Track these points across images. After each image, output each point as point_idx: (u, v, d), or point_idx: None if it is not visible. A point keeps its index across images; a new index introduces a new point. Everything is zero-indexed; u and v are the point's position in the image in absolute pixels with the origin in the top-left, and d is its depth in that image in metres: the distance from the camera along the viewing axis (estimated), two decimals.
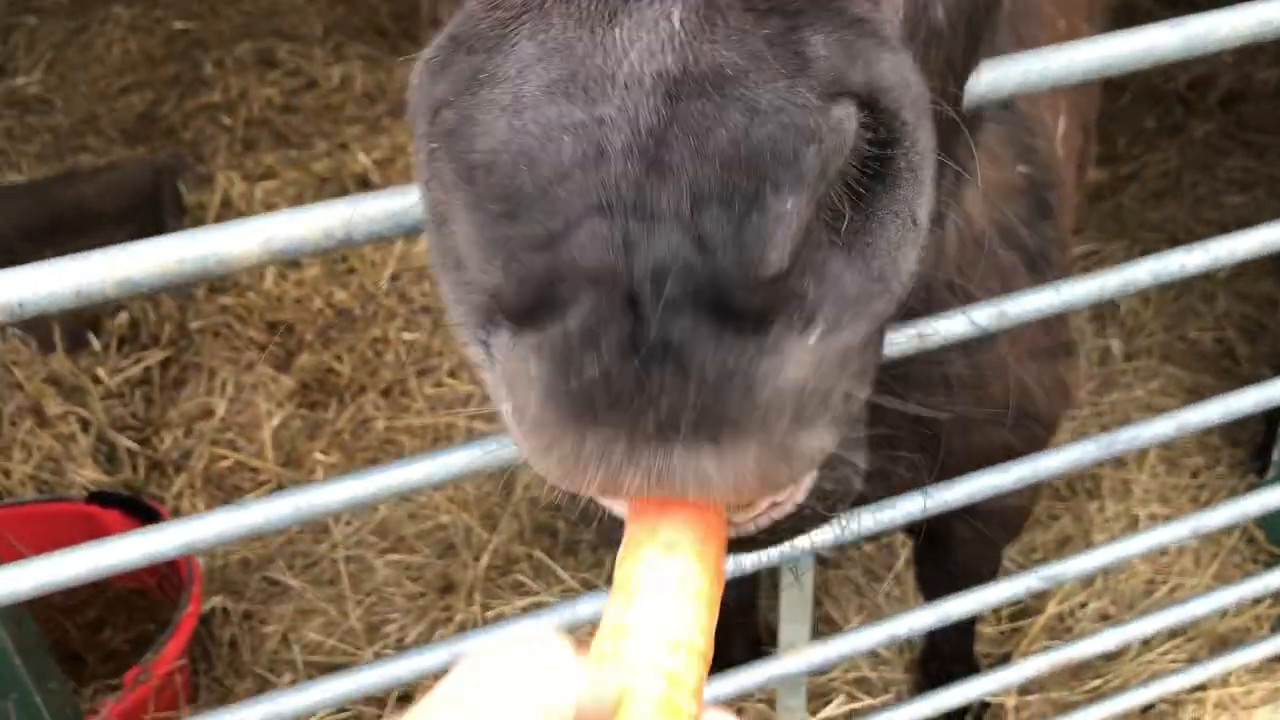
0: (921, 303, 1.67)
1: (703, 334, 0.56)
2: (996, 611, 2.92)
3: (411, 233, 1.18)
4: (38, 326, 3.79)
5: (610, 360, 0.56)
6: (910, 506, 1.75)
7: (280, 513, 1.35)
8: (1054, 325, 1.98)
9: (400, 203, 1.16)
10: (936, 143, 1.27)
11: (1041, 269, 1.91)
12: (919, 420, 1.92)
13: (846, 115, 0.56)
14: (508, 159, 0.54)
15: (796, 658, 1.89)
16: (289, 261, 1.14)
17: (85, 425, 3.47)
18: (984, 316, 1.59)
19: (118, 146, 5.20)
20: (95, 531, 2.89)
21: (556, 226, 0.53)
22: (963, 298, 1.68)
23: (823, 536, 1.74)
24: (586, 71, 0.53)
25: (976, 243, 1.77)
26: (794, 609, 1.85)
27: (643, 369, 0.56)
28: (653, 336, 0.55)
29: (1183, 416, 1.91)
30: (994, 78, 1.32)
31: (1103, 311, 3.64)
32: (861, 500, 1.81)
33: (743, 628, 2.76)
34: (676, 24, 0.53)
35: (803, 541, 1.71)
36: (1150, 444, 1.88)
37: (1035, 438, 2.01)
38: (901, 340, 1.55)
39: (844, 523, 0.85)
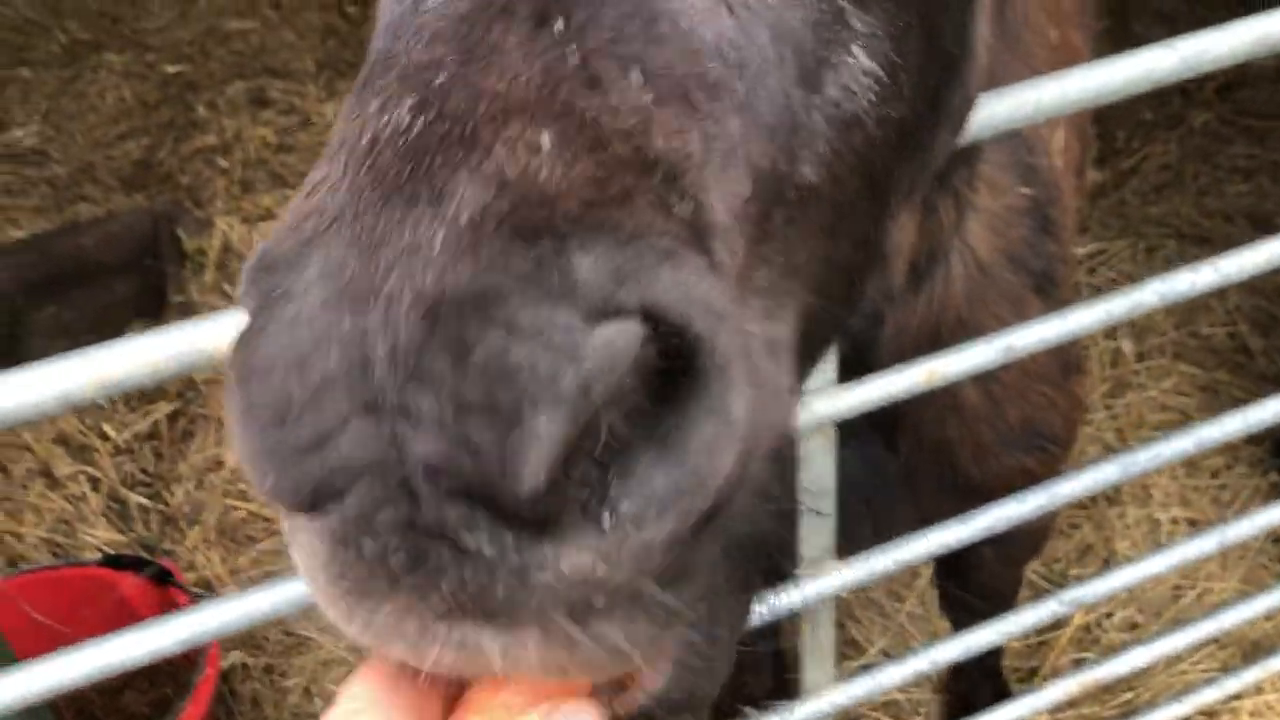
0: (929, 341, 1.65)
1: (476, 523, 0.57)
2: None
3: None
4: None
5: (388, 541, 0.58)
6: (932, 542, 1.72)
7: (289, 595, 1.33)
8: (1064, 345, 1.96)
9: None
10: (928, 190, 1.20)
11: (1048, 290, 1.88)
12: (937, 450, 1.90)
13: (617, 334, 0.57)
14: (280, 367, 0.58)
15: (820, 701, 1.86)
16: None
17: (95, 484, 3.47)
18: (992, 351, 1.57)
19: (116, 195, 5.21)
20: (111, 596, 2.88)
21: (325, 427, 0.57)
22: (973, 331, 1.66)
23: (844, 581, 1.71)
24: (354, 289, 0.56)
25: (983, 273, 1.75)
26: (816, 652, 1.82)
27: (421, 550, 0.58)
28: (428, 520, 0.57)
29: (1201, 432, 1.88)
30: (985, 115, 1.30)
31: (1083, 358, 3.61)
32: (879, 526, 1.80)
33: (772, 675, 2.73)
34: (437, 247, 0.56)
35: (825, 587, 1.70)
36: (1170, 461, 1.85)
37: (1052, 459, 1.98)
38: (912, 377, 1.52)
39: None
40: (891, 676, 1.89)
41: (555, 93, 0.61)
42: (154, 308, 4.14)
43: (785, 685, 2.72)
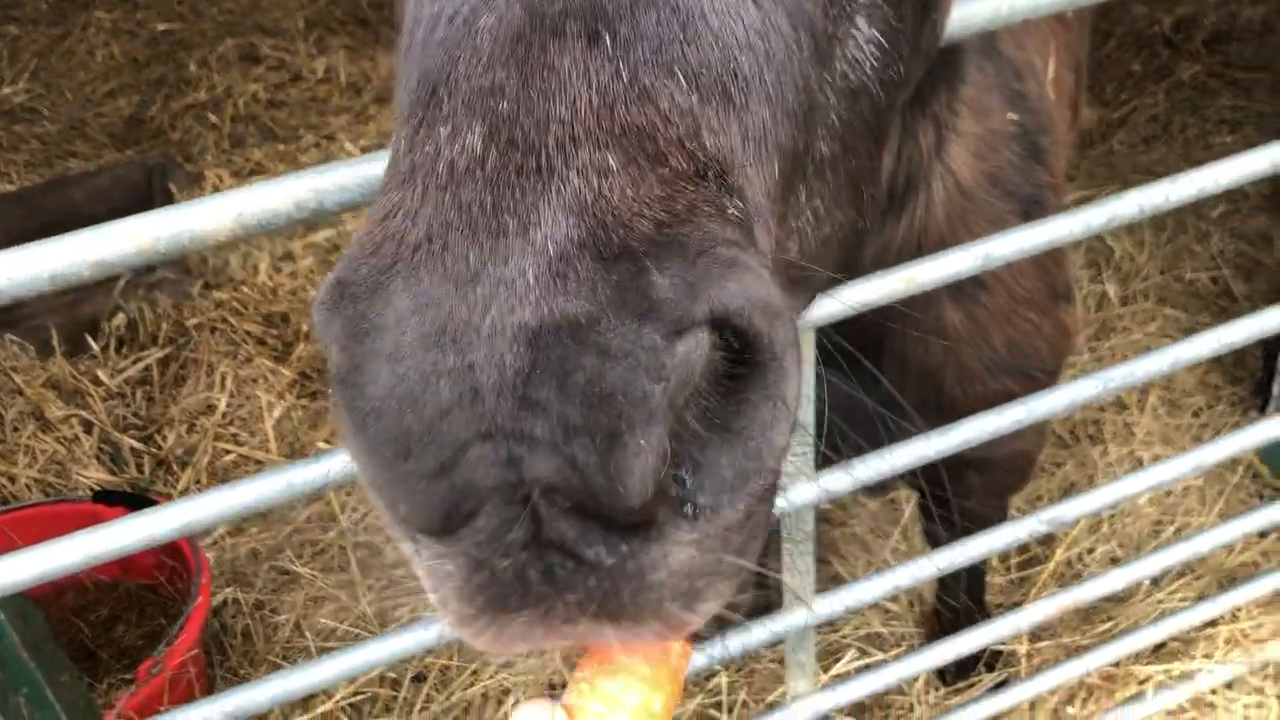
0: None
1: (592, 536, 0.63)
2: (1005, 560, 2.93)
3: None
4: (36, 332, 3.79)
5: (516, 560, 0.63)
6: (911, 453, 1.75)
7: (274, 488, 1.35)
8: (1050, 270, 1.97)
9: (372, 168, 1.15)
10: (907, 114, 1.24)
11: (1035, 215, 1.89)
12: (921, 376, 1.92)
13: (694, 345, 0.62)
14: (394, 404, 0.60)
15: (802, 612, 1.89)
16: (259, 232, 1.14)
17: (88, 427, 3.49)
18: (970, 259, 1.59)
19: (107, 151, 5.20)
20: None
21: (446, 456, 0.60)
22: None
23: (829, 487, 1.74)
24: (454, 325, 0.59)
25: (965, 195, 1.76)
26: (798, 564, 1.85)
27: (545, 566, 0.64)
28: (552, 537, 0.62)
29: (1177, 351, 1.91)
30: (961, 16, 1.32)
31: (1097, 257, 3.63)
32: (861, 450, 1.82)
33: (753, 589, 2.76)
34: (531, 280, 0.59)
35: (805, 495, 1.73)
36: (1146, 380, 1.87)
37: (1038, 385, 2.00)
38: (890, 284, 1.54)
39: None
40: (873, 590, 1.92)
41: (614, 112, 0.65)
42: None
43: (768, 602, 2.76)
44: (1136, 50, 4.58)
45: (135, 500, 2.87)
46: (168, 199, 4.67)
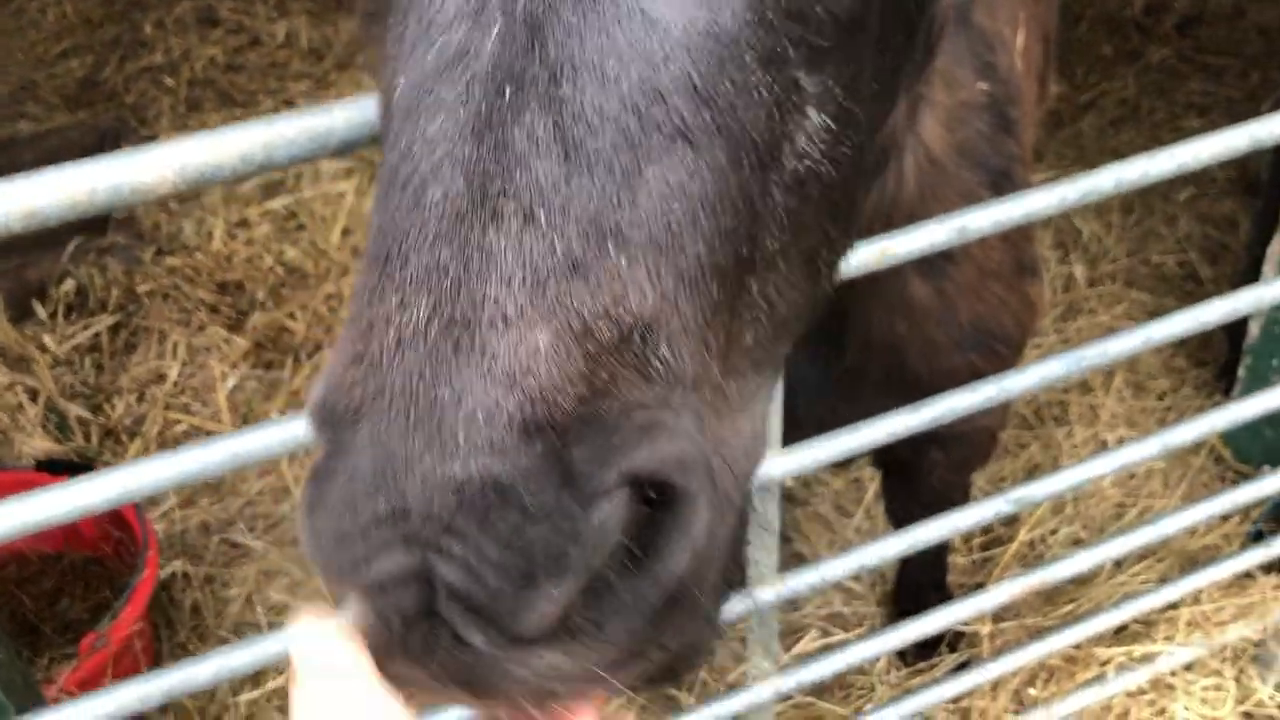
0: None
1: (476, 626, 0.72)
2: (968, 541, 2.91)
3: (337, 152, 1.11)
4: None
5: (411, 626, 0.74)
6: (875, 433, 1.71)
7: (220, 456, 1.29)
8: (1018, 244, 1.94)
9: (321, 121, 1.09)
10: (882, 101, 1.22)
11: (1004, 188, 1.86)
12: (886, 350, 1.88)
13: (610, 511, 0.70)
14: (340, 507, 0.72)
15: (764, 590, 1.85)
16: (202, 187, 1.07)
17: (33, 395, 3.38)
18: (944, 231, 1.55)
19: (59, 113, 5.05)
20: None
21: (373, 551, 0.71)
22: None
23: (786, 467, 1.70)
24: (395, 464, 0.70)
25: (936, 167, 1.72)
26: (760, 541, 1.81)
27: (433, 635, 0.74)
28: (444, 617, 0.72)
29: (1149, 330, 1.88)
30: None
31: (1065, 239, 3.62)
32: (824, 426, 1.77)
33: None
34: (460, 442, 0.69)
35: (768, 470, 1.69)
36: (1117, 359, 1.85)
37: (1002, 360, 1.97)
38: (863, 255, 1.50)
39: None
40: (836, 569, 1.88)
41: (545, 290, 0.71)
42: (98, 225, 4.03)
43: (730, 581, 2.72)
44: (1107, 33, 4.57)
45: (80, 469, 2.78)
46: None
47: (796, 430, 1.70)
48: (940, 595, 2.71)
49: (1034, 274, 2.05)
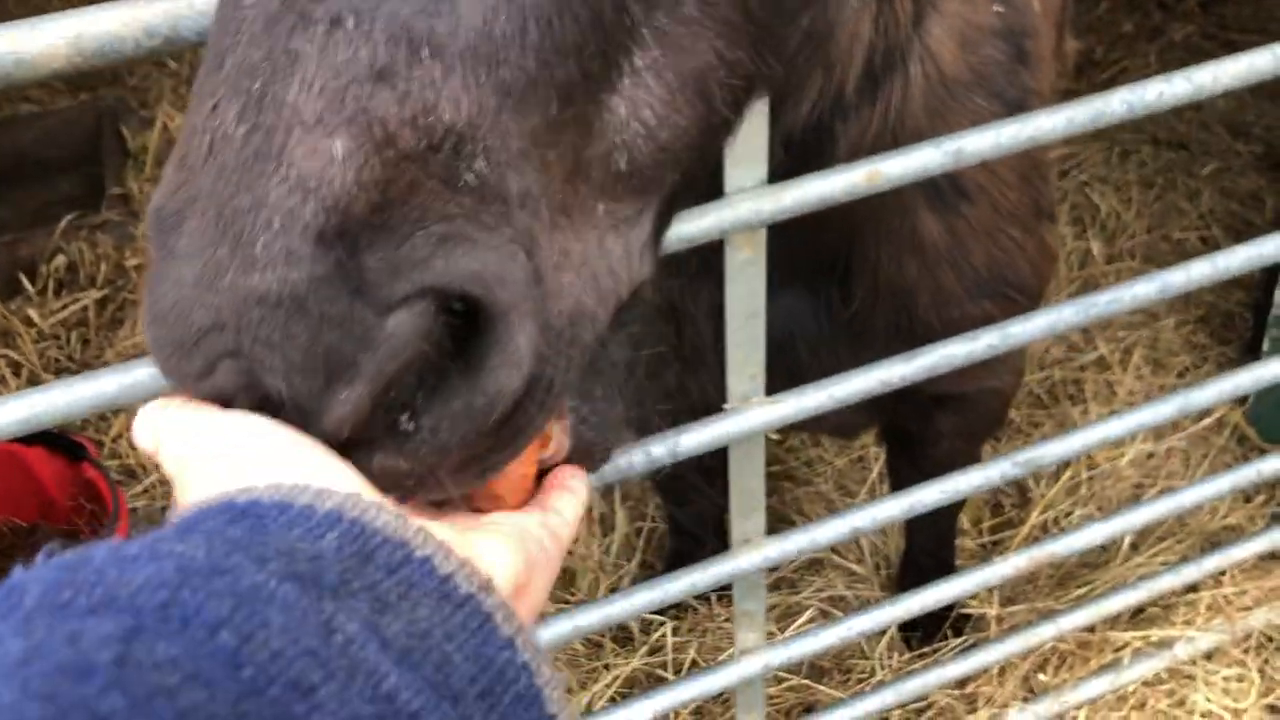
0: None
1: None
2: (977, 524, 2.78)
3: None
4: None
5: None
6: (866, 381, 1.59)
7: (138, 377, 1.19)
8: (1036, 185, 1.81)
9: None
10: None
11: None
12: (894, 296, 1.75)
13: (405, 320, 0.71)
14: (172, 318, 0.73)
15: (751, 554, 1.73)
16: (101, 63, 0.97)
17: (17, 369, 3.30)
18: (940, 154, 1.42)
19: (61, 96, 4.99)
20: (18, 469, 2.73)
21: (207, 363, 0.73)
22: None
23: (770, 417, 1.58)
24: (208, 276, 0.71)
25: (947, 88, 1.60)
26: (745, 500, 1.69)
27: None
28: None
29: (1166, 277, 1.76)
30: None
31: (1082, 214, 3.48)
32: (805, 375, 1.65)
33: (714, 544, 2.61)
34: (258, 252, 0.70)
35: (752, 420, 1.56)
36: (1132, 306, 1.72)
37: (1017, 311, 1.83)
38: (852, 177, 1.38)
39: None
40: (828, 532, 1.76)
41: (345, 98, 0.71)
42: (94, 203, 3.96)
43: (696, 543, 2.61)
44: (1129, 10, 4.43)
45: (53, 440, 2.69)
46: (118, 142, 4.49)
47: (798, 382, 1.58)
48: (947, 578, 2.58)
49: (1051, 217, 1.92)
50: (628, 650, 2.47)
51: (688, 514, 2.55)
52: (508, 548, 0.78)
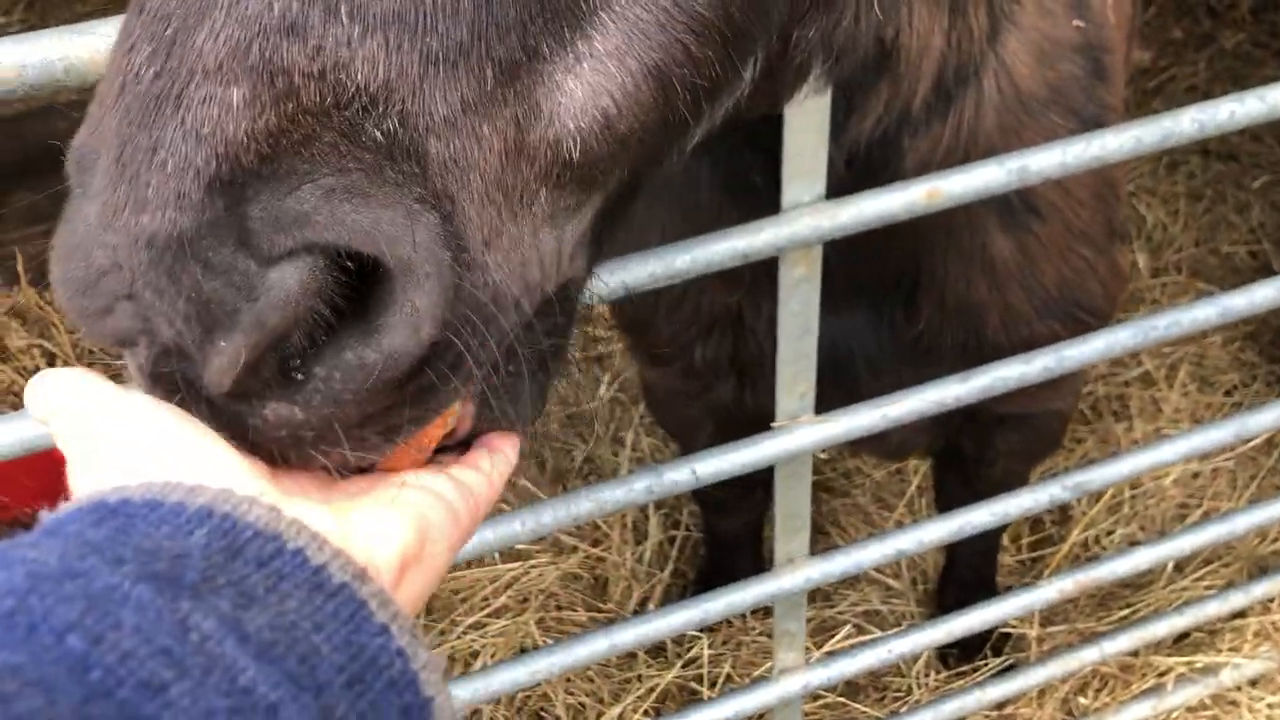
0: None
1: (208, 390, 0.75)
2: (1016, 540, 2.73)
3: None
4: (2, 260, 3.61)
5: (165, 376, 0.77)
6: (920, 402, 1.55)
7: None
8: (1109, 203, 1.76)
9: None
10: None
11: None
12: (962, 314, 1.70)
13: (289, 274, 0.70)
14: (76, 257, 0.74)
15: (794, 574, 1.70)
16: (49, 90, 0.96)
17: (51, 359, 3.31)
18: (1003, 172, 1.38)
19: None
20: (50, 462, 2.72)
21: (104, 304, 0.74)
22: None
23: (819, 437, 1.54)
24: (107, 216, 0.71)
25: (1023, 104, 1.54)
26: (790, 521, 1.66)
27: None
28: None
29: (1227, 301, 1.70)
30: None
31: (1129, 226, 3.42)
32: (864, 395, 1.60)
33: (750, 554, 2.57)
34: (151, 194, 0.70)
35: (801, 440, 1.52)
36: (1191, 329, 1.67)
37: (1086, 332, 1.78)
38: (912, 195, 1.34)
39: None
40: (873, 554, 1.72)
41: (251, 48, 0.70)
42: None
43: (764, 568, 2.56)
44: (1178, 17, 4.35)
45: None
46: None
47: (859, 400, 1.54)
48: (988, 596, 2.53)
49: (1123, 238, 1.86)
50: (660, 662, 2.43)
51: (727, 525, 2.51)
52: (398, 519, 0.77)
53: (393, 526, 0.77)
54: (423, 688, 0.68)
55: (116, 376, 0.84)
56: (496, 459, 0.90)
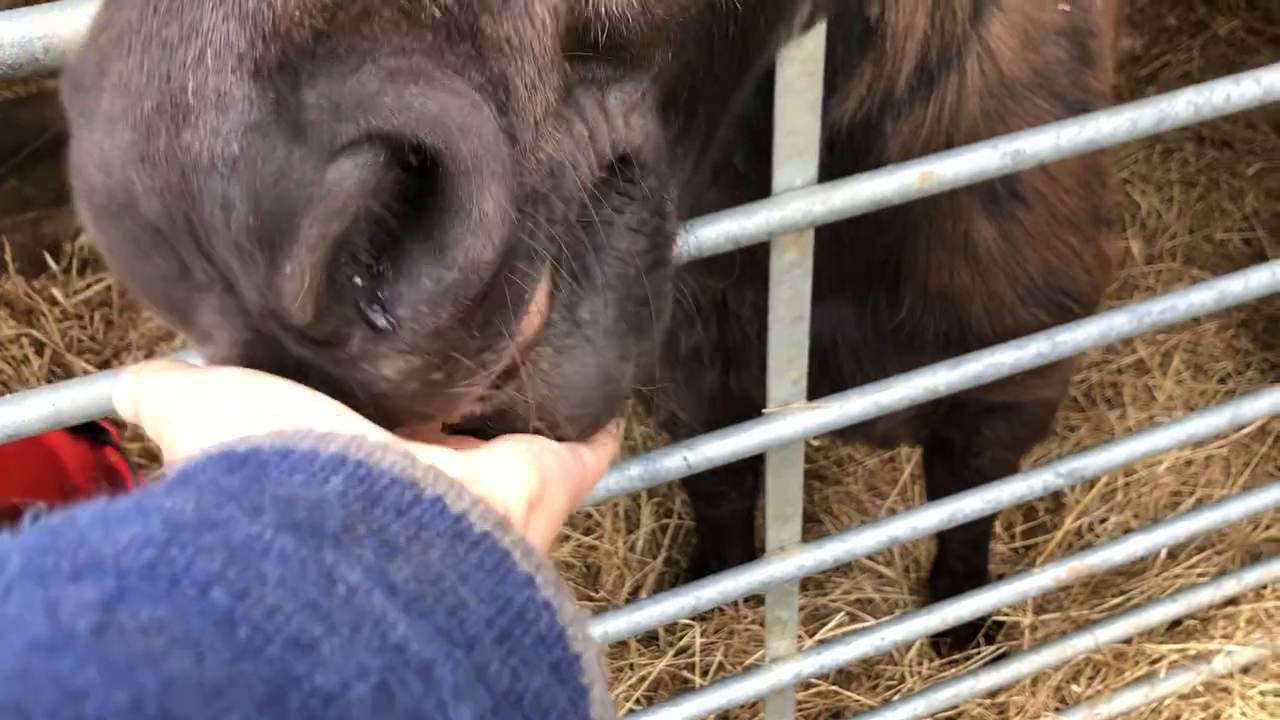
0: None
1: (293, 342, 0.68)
2: (1009, 528, 2.72)
3: None
4: None
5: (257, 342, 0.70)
6: (910, 389, 1.54)
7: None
8: (1095, 190, 1.75)
9: None
10: None
11: None
12: (945, 302, 1.69)
13: (349, 171, 0.62)
14: (100, 198, 0.66)
15: (786, 562, 1.69)
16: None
17: (39, 348, 3.28)
18: (997, 156, 1.37)
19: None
20: (41, 451, 2.71)
21: (172, 268, 0.67)
22: None
23: (809, 424, 1.53)
24: (141, 139, 0.62)
25: (1007, 88, 1.53)
26: (782, 508, 1.65)
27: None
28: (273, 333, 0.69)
29: (1224, 285, 1.69)
30: None
31: (1121, 213, 3.41)
32: (848, 383, 1.59)
33: (742, 542, 2.57)
34: (190, 99, 0.61)
35: (792, 427, 1.51)
36: (1186, 315, 1.66)
37: (1071, 320, 1.77)
38: (903, 178, 1.33)
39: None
40: (865, 541, 1.71)
41: None
42: None
43: (755, 556, 2.56)
44: (1171, 4, 4.34)
45: (86, 428, 2.66)
46: None
47: (843, 389, 1.53)
48: (980, 584, 2.53)
49: (1109, 225, 1.85)
50: (653, 651, 2.43)
51: (718, 513, 2.50)
52: (519, 462, 0.73)
53: (516, 468, 0.72)
54: (570, 643, 0.64)
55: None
56: (595, 448, 0.84)
